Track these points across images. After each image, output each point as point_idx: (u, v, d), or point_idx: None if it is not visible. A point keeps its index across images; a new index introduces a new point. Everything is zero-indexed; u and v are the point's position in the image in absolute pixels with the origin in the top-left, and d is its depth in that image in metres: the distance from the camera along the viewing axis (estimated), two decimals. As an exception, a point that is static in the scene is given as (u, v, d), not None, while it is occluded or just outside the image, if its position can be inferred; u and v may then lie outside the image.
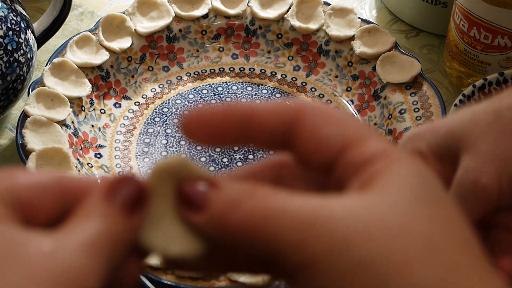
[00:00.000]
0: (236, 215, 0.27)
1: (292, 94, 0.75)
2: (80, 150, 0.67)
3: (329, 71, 0.76)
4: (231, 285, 0.56)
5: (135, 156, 0.69)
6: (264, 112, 0.30)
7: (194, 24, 0.77)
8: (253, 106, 0.30)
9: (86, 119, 0.69)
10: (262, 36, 0.77)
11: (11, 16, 0.66)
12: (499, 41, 0.69)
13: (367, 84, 0.73)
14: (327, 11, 0.76)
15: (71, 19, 0.83)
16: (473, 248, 0.27)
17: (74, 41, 0.71)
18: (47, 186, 0.28)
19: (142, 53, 0.75)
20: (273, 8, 0.77)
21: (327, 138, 0.29)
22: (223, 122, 0.30)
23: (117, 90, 0.73)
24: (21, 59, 0.66)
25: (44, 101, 0.66)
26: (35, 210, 0.28)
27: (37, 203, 0.28)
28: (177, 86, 0.75)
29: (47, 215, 0.28)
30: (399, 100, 0.70)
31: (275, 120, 0.29)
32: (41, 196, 0.28)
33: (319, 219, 0.26)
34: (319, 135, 0.29)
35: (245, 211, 0.27)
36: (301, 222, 0.26)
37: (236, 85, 0.75)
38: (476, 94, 0.65)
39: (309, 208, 0.26)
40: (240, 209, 0.27)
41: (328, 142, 0.29)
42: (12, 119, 0.73)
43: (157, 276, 0.56)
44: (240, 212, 0.27)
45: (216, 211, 0.28)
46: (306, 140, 0.29)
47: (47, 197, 0.28)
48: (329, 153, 0.29)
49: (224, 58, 0.78)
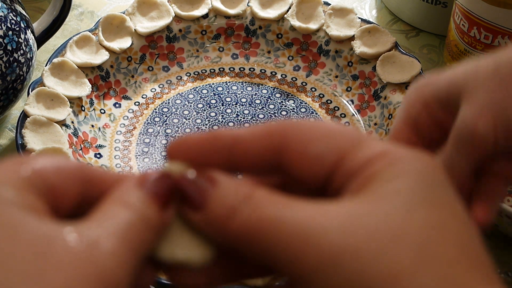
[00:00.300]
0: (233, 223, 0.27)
1: (292, 94, 0.75)
2: (80, 150, 0.67)
3: (329, 71, 0.76)
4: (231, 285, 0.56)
5: (135, 156, 0.69)
6: (247, 139, 0.29)
7: (194, 24, 0.77)
8: (236, 133, 0.29)
9: (86, 119, 0.69)
10: (262, 36, 0.77)
11: (11, 16, 0.65)
12: (499, 41, 0.69)
13: (367, 84, 0.73)
14: (327, 11, 0.76)
15: (71, 19, 0.83)
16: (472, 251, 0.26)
17: (74, 41, 0.71)
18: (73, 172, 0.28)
19: (142, 53, 0.75)
20: (273, 8, 0.77)
21: (318, 155, 0.28)
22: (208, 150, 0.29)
23: (117, 90, 0.73)
24: (21, 59, 0.66)
25: (44, 101, 0.66)
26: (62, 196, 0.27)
27: (64, 189, 0.27)
28: (177, 86, 0.75)
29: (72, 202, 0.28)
30: (399, 100, 0.70)
31: (259, 146, 0.29)
32: (68, 182, 0.27)
33: (311, 232, 0.26)
34: (309, 155, 0.28)
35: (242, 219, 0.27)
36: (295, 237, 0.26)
37: (236, 85, 0.75)
38: (476, 94, 0.65)
39: (302, 219, 0.26)
40: (236, 217, 0.27)
41: (320, 159, 0.28)
42: (12, 119, 0.73)
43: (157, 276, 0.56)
44: (237, 220, 0.27)
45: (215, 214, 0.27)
46: (296, 161, 0.28)
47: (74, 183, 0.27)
48: (324, 170, 0.28)
49: (224, 58, 0.77)
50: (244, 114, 0.72)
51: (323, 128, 0.29)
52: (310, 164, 0.28)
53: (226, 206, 0.27)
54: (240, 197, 0.27)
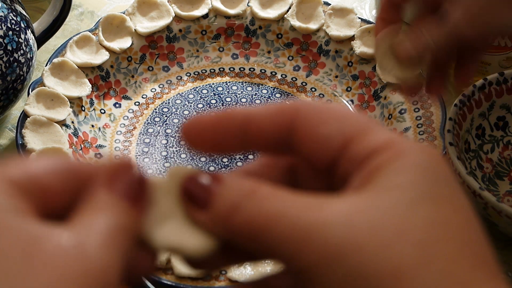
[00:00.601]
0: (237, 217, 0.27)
1: (292, 94, 0.75)
2: (80, 150, 0.67)
3: (329, 71, 0.76)
4: (231, 285, 0.56)
5: (135, 156, 0.69)
6: (260, 117, 0.29)
7: (194, 24, 0.77)
8: (249, 112, 0.29)
9: (86, 119, 0.69)
10: (262, 36, 0.77)
11: (11, 16, 0.66)
12: (499, 41, 0.69)
13: (367, 84, 0.73)
14: (327, 11, 0.76)
15: (71, 19, 0.83)
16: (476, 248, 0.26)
17: (74, 41, 0.71)
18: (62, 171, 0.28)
19: (142, 53, 0.75)
20: (273, 8, 0.77)
21: (327, 136, 0.28)
22: (221, 129, 0.29)
23: (117, 90, 0.73)
24: (21, 59, 0.66)
25: (44, 101, 0.66)
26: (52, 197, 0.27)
27: (54, 189, 0.27)
28: (177, 86, 0.75)
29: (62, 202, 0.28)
30: (399, 100, 0.70)
31: (272, 124, 0.29)
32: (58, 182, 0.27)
33: (314, 227, 0.26)
34: (318, 135, 0.28)
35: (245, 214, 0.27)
36: (297, 231, 0.26)
37: (236, 85, 0.75)
38: (476, 94, 0.65)
39: (305, 214, 0.26)
40: (240, 211, 0.27)
41: (329, 140, 0.28)
42: (12, 119, 0.73)
43: (157, 276, 0.56)
44: (241, 214, 0.27)
45: (219, 212, 0.27)
46: (306, 140, 0.29)
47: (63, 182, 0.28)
48: (331, 152, 0.28)
49: (224, 58, 0.77)
50: (244, 114, 0.72)
51: (333, 111, 0.29)
52: (319, 144, 0.28)
53: (230, 202, 0.27)
54: (244, 193, 0.27)
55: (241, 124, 0.29)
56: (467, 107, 0.64)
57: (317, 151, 0.29)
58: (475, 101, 0.65)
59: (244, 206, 0.27)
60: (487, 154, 0.67)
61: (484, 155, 0.66)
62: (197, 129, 0.29)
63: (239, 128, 0.29)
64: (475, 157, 0.66)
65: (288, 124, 0.29)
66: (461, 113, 0.64)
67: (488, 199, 0.56)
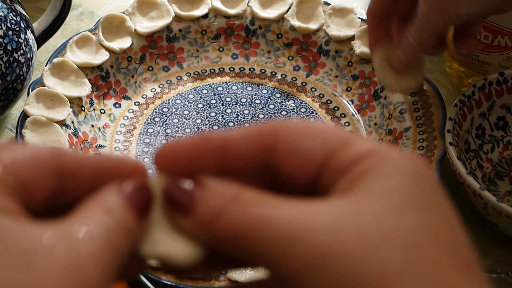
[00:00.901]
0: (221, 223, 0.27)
1: (292, 94, 0.75)
2: (80, 150, 0.66)
3: (329, 71, 0.76)
4: (231, 285, 0.56)
5: (135, 156, 0.68)
6: (237, 140, 0.29)
7: (194, 24, 0.77)
8: (225, 135, 0.29)
9: (86, 119, 0.69)
10: (262, 36, 0.77)
11: (11, 16, 0.65)
12: (499, 41, 0.69)
13: (367, 84, 0.73)
14: (327, 11, 0.76)
15: (71, 19, 0.83)
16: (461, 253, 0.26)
17: (74, 41, 0.71)
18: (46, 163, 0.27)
19: (142, 53, 0.75)
20: (273, 8, 0.77)
21: (308, 152, 0.28)
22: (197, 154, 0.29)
23: (117, 90, 0.73)
24: (21, 59, 0.66)
25: (44, 101, 0.66)
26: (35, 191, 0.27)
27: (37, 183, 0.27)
28: (177, 86, 0.75)
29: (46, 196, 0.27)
30: (399, 100, 0.70)
31: (250, 146, 0.28)
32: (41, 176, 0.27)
33: (300, 232, 0.25)
34: (300, 150, 0.28)
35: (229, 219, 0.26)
36: (283, 236, 0.25)
37: (236, 85, 0.75)
38: (476, 94, 0.65)
39: (290, 219, 0.26)
40: (224, 216, 0.27)
41: (311, 156, 0.28)
42: (12, 119, 0.73)
43: (157, 276, 0.56)
44: (225, 220, 0.26)
45: (202, 217, 0.27)
46: (287, 158, 0.28)
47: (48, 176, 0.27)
48: (315, 165, 0.28)
49: (224, 58, 0.77)
50: (244, 114, 0.72)
51: (312, 127, 0.29)
52: (301, 160, 0.28)
53: (213, 207, 0.27)
54: (228, 198, 0.27)
55: (217, 148, 0.29)
56: (467, 107, 0.64)
57: (299, 168, 0.28)
58: (475, 101, 0.65)
59: (228, 211, 0.27)
60: (487, 154, 0.67)
61: (484, 155, 0.66)
62: (171, 157, 0.29)
63: (216, 152, 0.29)
64: (475, 157, 0.66)
65: (266, 146, 0.28)
66: (461, 113, 0.64)
67: (488, 199, 0.56)
